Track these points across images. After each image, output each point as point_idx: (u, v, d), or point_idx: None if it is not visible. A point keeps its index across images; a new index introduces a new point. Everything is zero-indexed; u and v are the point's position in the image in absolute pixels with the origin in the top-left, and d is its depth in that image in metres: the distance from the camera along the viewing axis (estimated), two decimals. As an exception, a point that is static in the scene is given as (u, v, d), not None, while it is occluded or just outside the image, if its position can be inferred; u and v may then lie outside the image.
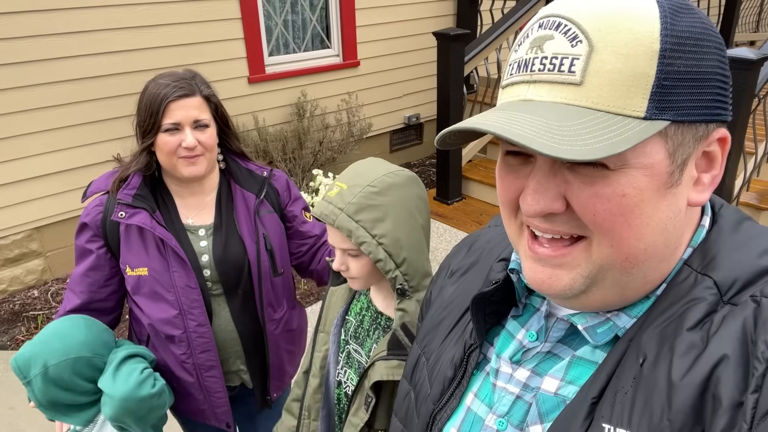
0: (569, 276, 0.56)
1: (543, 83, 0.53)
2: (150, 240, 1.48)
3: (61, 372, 1.35)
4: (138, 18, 3.85)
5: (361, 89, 5.30)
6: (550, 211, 0.54)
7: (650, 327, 0.55)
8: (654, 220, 0.53)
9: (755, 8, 8.53)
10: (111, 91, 3.87)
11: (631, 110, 0.50)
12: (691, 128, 0.52)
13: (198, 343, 1.53)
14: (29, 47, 3.48)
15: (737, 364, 0.48)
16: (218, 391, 1.60)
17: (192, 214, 1.57)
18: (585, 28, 0.51)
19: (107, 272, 1.54)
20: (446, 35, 4.16)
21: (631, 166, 0.51)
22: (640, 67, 0.49)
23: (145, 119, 1.44)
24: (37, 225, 3.83)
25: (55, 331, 1.40)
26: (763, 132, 4.05)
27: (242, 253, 1.55)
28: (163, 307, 1.50)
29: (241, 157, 1.65)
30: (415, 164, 6.05)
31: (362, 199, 1.14)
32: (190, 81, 1.47)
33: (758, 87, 3.33)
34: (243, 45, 4.43)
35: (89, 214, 1.52)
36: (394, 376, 1.15)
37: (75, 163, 3.84)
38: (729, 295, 0.53)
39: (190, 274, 1.49)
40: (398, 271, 1.16)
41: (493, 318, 0.71)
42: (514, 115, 0.51)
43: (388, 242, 1.14)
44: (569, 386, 0.60)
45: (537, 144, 0.47)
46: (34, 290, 3.89)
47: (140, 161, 1.49)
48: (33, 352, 1.35)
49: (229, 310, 1.58)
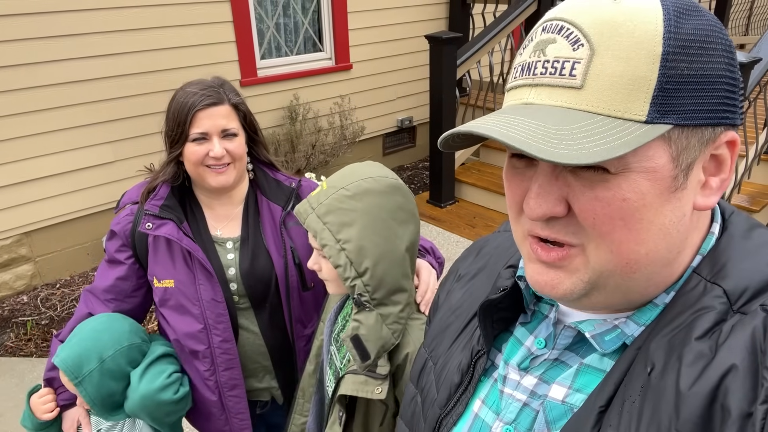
0: (570, 280, 0.56)
1: (544, 87, 0.53)
2: (177, 251, 1.46)
3: (119, 361, 1.37)
4: (128, 21, 3.82)
5: (353, 92, 5.30)
6: (552, 215, 0.53)
7: (658, 335, 0.54)
8: (656, 224, 0.52)
9: (745, 12, 8.62)
10: (102, 94, 3.83)
11: (632, 114, 0.49)
12: (697, 132, 0.51)
13: (222, 360, 1.49)
14: (18, 51, 3.44)
15: (746, 374, 0.48)
16: (240, 412, 1.55)
17: (220, 226, 1.54)
18: (587, 32, 0.50)
19: (134, 283, 1.52)
20: (439, 38, 4.17)
21: (633, 170, 0.50)
22: (641, 70, 0.49)
23: (173, 128, 1.41)
24: (27, 230, 3.78)
25: (97, 326, 1.40)
26: (754, 135, 4.09)
27: (269, 267, 1.51)
28: (188, 320, 1.47)
29: (270, 167, 1.61)
30: (408, 167, 6.05)
31: (334, 201, 1.13)
32: (218, 89, 1.44)
33: (748, 90, 3.37)
34: (235, 48, 4.41)
35: (119, 223, 1.50)
36: (360, 392, 1.12)
37: (64, 167, 3.81)
38: (739, 304, 0.52)
39: (216, 288, 1.45)
40: (359, 281, 1.11)
41: (501, 324, 0.71)
42: (514, 119, 0.51)
43: (350, 248, 1.11)
44: (577, 394, 0.59)
45: (534, 148, 0.47)
46: (23, 296, 3.84)
47: (168, 171, 1.47)
48: (82, 349, 1.35)
49: (258, 324, 1.54)
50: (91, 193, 3.96)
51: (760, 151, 4.13)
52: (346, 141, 5.12)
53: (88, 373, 1.34)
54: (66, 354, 1.35)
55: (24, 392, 2.91)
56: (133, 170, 1.51)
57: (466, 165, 5.10)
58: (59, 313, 3.66)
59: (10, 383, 3.06)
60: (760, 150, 4.12)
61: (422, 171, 5.90)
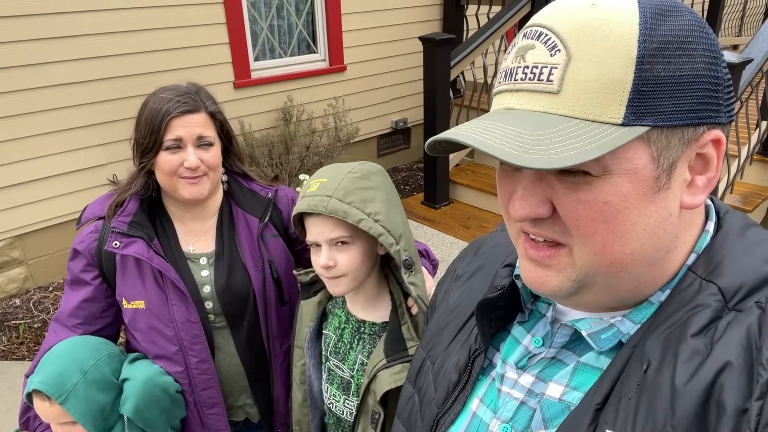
0: (558, 278, 0.57)
1: (524, 92, 0.54)
2: (147, 271, 1.38)
3: (102, 369, 1.31)
4: (121, 23, 3.80)
5: (347, 94, 5.29)
6: (536, 216, 0.55)
7: (654, 333, 0.55)
8: (639, 225, 0.53)
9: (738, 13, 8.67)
10: (94, 96, 3.81)
11: (608, 117, 0.50)
12: (677, 132, 0.51)
13: (200, 381, 1.43)
14: (11, 52, 3.42)
15: (741, 370, 0.48)
16: (221, 429, 1.50)
17: (193, 241, 1.46)
18: (563, 37, 0.51)
19: (103, 304, 1.43)
20: (432, 40, 4.17)
21: (614, 173, 0.51)
22: (616, 74, 0.49)
23: (145, 136, 1.33)
24: (19, 233, 3.75)
25: (69, 344, 1.34)
26: (746, 135, 4.11)
27: (246, 282, 1.44)
28: (162, 343, 1.40)
29: (244, 177, 1.54)
30: (403, 169, 6.06)
31: (348, 183, 1.15)
32: (194, 96, 1.37)
33: (740, 90, 3.39)
34: (228, 50, 4.40)
35: (83, 242, 1.40)
36: (400, 381, 1.13)
37: (57, 170, 3.78)
38: (734, 301, 0.53)
39: (191, 308, 1.38)
40: (399, 246, 1.16)
41: (499, 323, 0.71)
42: (493, 125, 0.52)
43: (383, 219, 1.15)
44: (574, 392, 0.59)
45: (506, 154, 0.48)
46: (15, 299, 3.81)
47: (138, 183, 1.38)
48: (61, 366, 1.28)
49: (234, 343, 1.48)
50: (83, 196, 3.94)
51: (752, 151, 4.15)
52: (341, 142, 5.12)
53: (72, 387, 1.26)
54: (45, 375, 1.27)
55: (16, 396, 2.89)
56: (126, 173, 1.43)
57: (461, 166, 5.11)
58: (52, 316, 3.64)
59: (2, 386, 3.04)
60: (752, 150, 4.14)
61: (417, 172, 5.90)
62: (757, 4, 9.08)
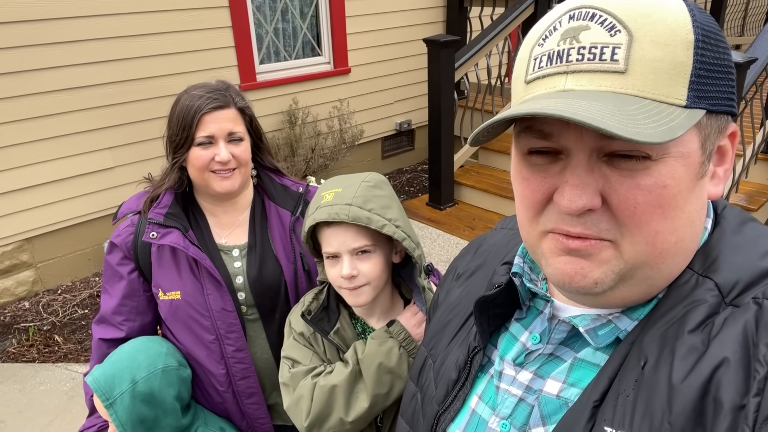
0: (599, 270, 0.54)
1: (583, 73, 0.51)
2: (183, 261, 1.41)
3: (152, 383, 1.31)
4: (127, 27, 3.83)
5: (352, 96, 5.30)
6: (591, 207, 0.52)
7: (652, 329, 0.55)
8: (685, 212, 0.53)
9: (740, 12, 8.63)
10: (101, 100, 3.84)
11: (674, 99, 0.50)
12: (717, 119, 0.53)
13: (237, 369, 1.45)
14: (16, 57, 3.45)
15: (738, 366, 0.48)
16: (261, 416, 1.52)
17: (225, 234, 1.50)
18: (621, 18, 0.51)
19: (142, 298, 1.47)
20: (436, 42, 4.18)
21: (671, 156, 0.51)
22: (678, 56, 0.50)
23: (177, 133, 1.36)
24: (28, 236, 3.79)
25: (134, 347, 1.35)
26: (751, 134, 4.10)
27: (278, 273, 1.46)
28: (199, 332, 1.43)
29: (276, 172, 1.57)
30: (408, 170, 6.06)
31: (364, 191, 1.16)
32: (224, 92, 1.40)
33: (745, 90, 3.38)
34: (234, 53, 4.42)
35: (120, 235, 1.45)
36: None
37: (65, 174, 3.81)
38: (730, 297, 0.53)
39: (226, 297, 1.41)
40: (420, 251, 1.19)
41: (497, 321, 0.71)
42: (572, 102, 0.49)
43: (402, 225, 1.17)
44: (571, 388, 0.60)
45: (621, 130, 0.45)
46: (24, 302, 3.84)
47: (171, 178, 1.42)
48: (116, 369, 1.30)
49: (266, 336, 1.49)
50: (91, 199, 3.97)
51: (757, 150, 4.14)
52: (345, 145, 5.13)
53: (119, 395, 1.28)
54: (99, 373, 1.30)
55: (27, 398, 2.92)
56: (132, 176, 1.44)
57: (465, 167, 5.11)
58: (61, 319, 3.67)
59: (13, 389, 3.06)
60: (757, 149, 4.13)
61: (421, 174, 5.90)
62: (759, 4, 9.04)
